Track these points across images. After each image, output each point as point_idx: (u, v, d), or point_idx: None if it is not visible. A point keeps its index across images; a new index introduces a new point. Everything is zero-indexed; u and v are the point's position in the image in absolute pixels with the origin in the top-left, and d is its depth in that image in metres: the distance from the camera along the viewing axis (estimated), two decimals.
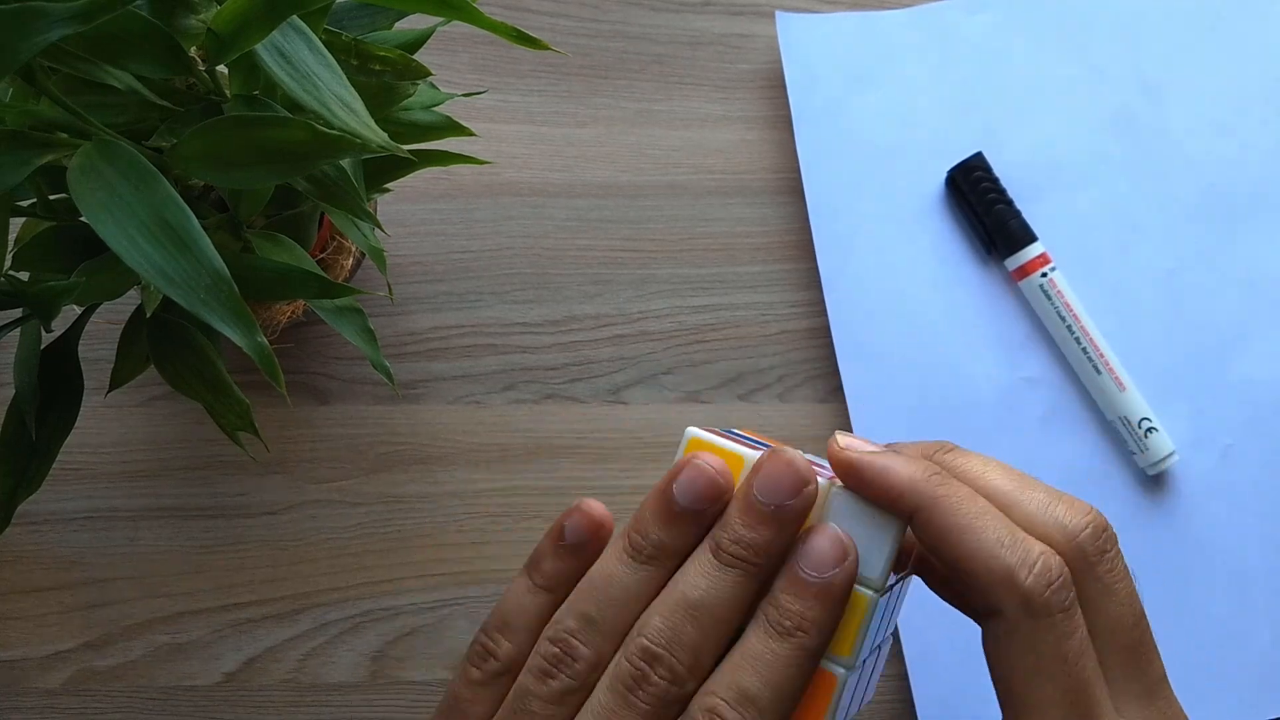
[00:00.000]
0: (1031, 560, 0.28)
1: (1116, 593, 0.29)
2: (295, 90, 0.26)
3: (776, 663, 0.28)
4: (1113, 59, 0.52)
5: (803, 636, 0.28)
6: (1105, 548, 0.29)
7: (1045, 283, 0.49)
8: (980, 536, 0.28)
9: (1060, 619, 0.28)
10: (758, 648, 0.28)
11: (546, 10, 0.51)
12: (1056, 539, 0.29)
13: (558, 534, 0.31)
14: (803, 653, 0.28)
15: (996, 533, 0.28)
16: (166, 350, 0.32)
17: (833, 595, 0.28)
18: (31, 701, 0.45)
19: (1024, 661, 0.28)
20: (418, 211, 0.49)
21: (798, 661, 0.28)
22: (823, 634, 0.28)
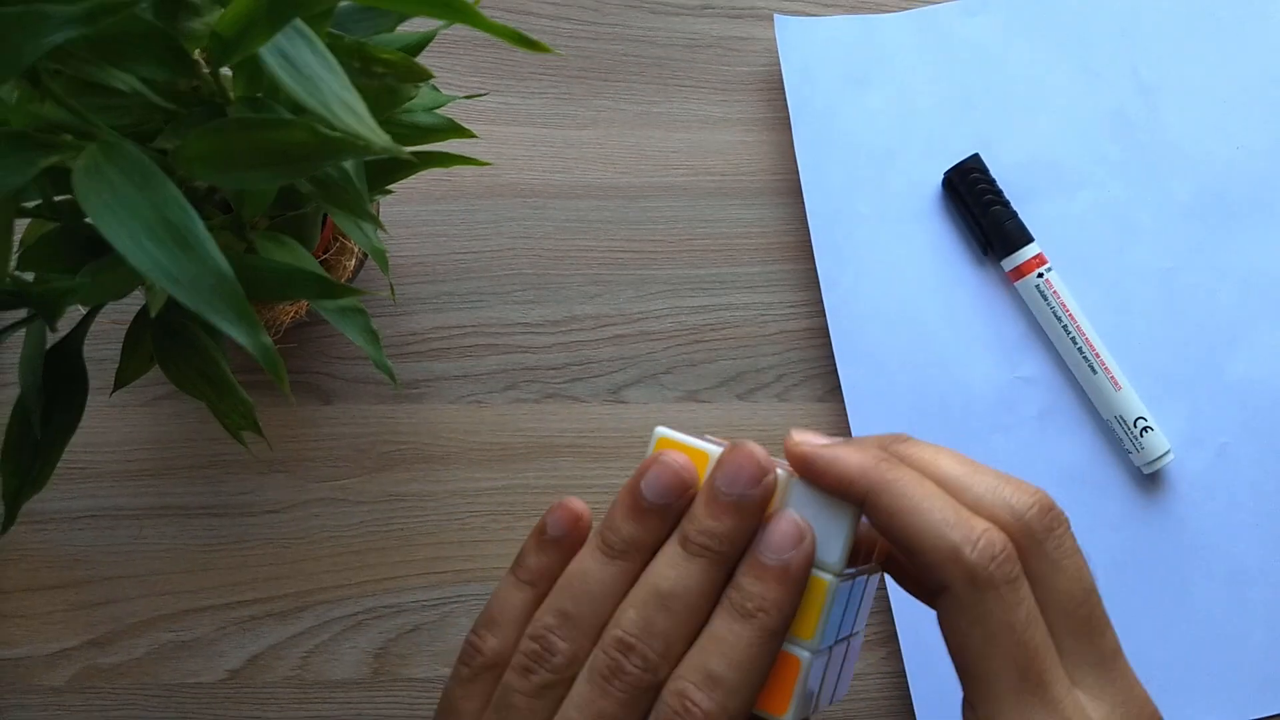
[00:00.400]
0: (975, 536, 0.28)
1: (1065, 569, 0.30)
2: (298, 92, 0.26)
3: (740, 644, 0.29)
4: (1108, 61, 0.52)
5: (764, 617, 0.29)
6: (1052, 526, 0.30)
7: (1041, 283, 0.49)
8: (927, 517, 0.29)
9: (1005, 590, 0.28)
10: (722, 631, 0.29)
11: (547, 13, 0.52)
12: (1004, 518, 0.30)
13: (540, 530, 0.32)
14: (764, 633, 0.29)
15: (942, 513, 0.29)
16: (171, 350, 0.32)
17: (791, 576, 0.29)
18: (36, 699, 0.45)
19: (973, 634, 0.28)
20: (419, 212, 0.50)
21: (760, 641, 0.29)
22: (783, 614, 0.29)
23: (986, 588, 0.28)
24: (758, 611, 0.29)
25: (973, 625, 0.28)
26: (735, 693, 0.28)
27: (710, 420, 0.49)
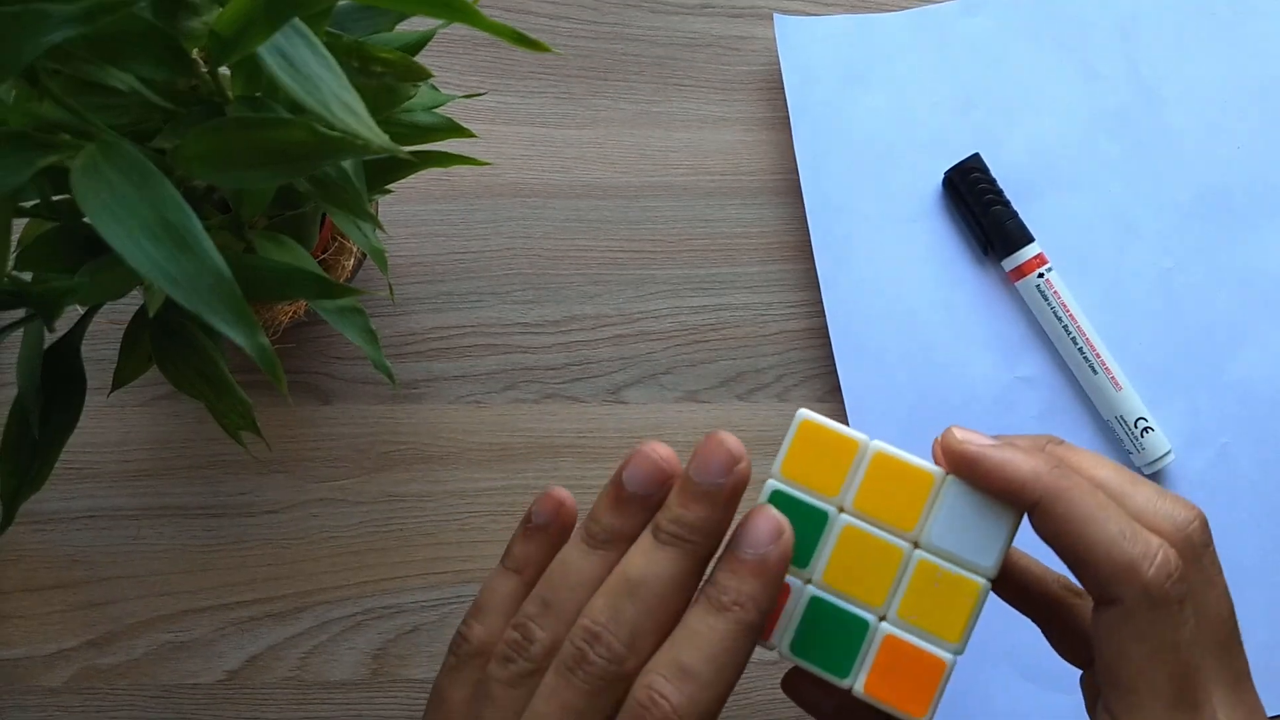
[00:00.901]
0: (1152, 553, 0.29)
1: (1217, 585, 0.30)
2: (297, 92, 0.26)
3: (714, 637, 0.28)
4: (1109, 60, 0.52)
5: (739, 611, 0.28)
6: (1208, 541, 0.30)
7: (1042, 283, 0.49)
8: (1104, 528, 0.29)
9: (1176, 609, 0.29)
10: (696, 625, 0.29)
11: (546, 12, 0.52)
12: (1167, 531, 0.30)
13: (526, 518, 0.32)
14: (740, 627, 0.28)
15: (1119, 525, 0.29)
16: (169, 350, 0.32)
17: (768, 570, 0.29)
18: (35, 700, 0.45)
19: (1138, 648, 0.29)
20: (419, 212, 0.49)
21: (735, 636, 0.28)
22: (759, 608, 0.29)
23: (1160, 605, 0.28)
24: (733, 605, 0.29)
25: (1138, 640, 0.29)
26: (708, 687, 0.28)
27: (710, 421, 0.49)
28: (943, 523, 0.30)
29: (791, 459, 0.31)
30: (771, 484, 0.31)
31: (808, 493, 0.31)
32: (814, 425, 0.31)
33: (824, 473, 0.31)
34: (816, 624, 0.30)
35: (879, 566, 0.30)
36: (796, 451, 0.31)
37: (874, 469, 0.31)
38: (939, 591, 0.30)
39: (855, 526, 0.30)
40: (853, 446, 0.31)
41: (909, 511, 0.30)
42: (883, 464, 0.31)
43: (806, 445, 0.31)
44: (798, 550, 0.30)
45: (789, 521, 0.30)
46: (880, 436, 0.48)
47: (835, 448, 0.31)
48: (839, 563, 0.30)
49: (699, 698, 0.28)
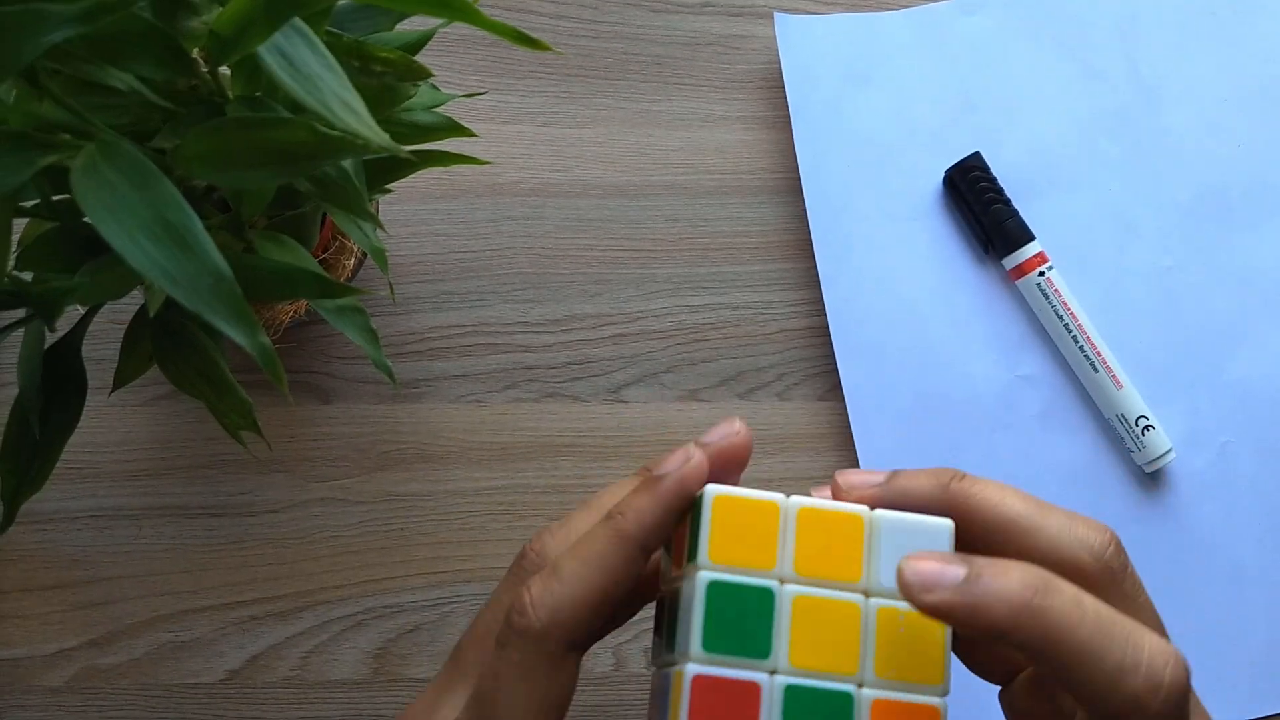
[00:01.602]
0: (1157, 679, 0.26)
1: (1143, 605, 0.30)
2: (297, 91, 0.26)
3: (589, 538, 0.29)
4: (1109, 59, 0.52)
5: (620, 519, 0.29)
6: (1125, 562, 0.29)
7: (1042, 281, 0.49)
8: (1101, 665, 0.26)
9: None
10: (583, 526, 0.31)
11: (546, 11, 0.52)
12: (1085, 559, 0.29)
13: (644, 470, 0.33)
14: (613, 533, 0.29)
15: (1117, 656, 0.26)
16: (169, 350, 0.32)
17: (661, 488, 0.29)
18: (36, 699, 0.45)
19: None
20: (419, 212, 0.49)
21: (605, 540, 0.29)
22: (640, 522, 0.29)
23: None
24: (615, 514, 0.29)
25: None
26: (566, 583, 0.29)
27: (710, 419, 0.49)
28: (886, 562, 0.28)
29: (716, 542, 0.28)
30: (704, 576, 0.28)
31: (744, 573, 0.28)
32: (726, 499, 0.28)
33: (753, 546, 0.28)
34: (798, 713, 0.27)
35: (841, 630, 0.28)
36: (718, 532, 0.28)
37: (802, 527, 0.28)
38: (907, 636, 0.28)
39: (804, 595, 0.28)
40: (773, 510, 0.28)
41: (851, 561, 0.28)
42: (809, 519, 0.29)
43: (726, 522, 0.28)
44: (753, 639, 0.28)
45: (703, 453, 0.29)
46: (882, 435, 0.48)
47: (756, 516, 0.28)
48: (800, 640, 0.28)
49: (557, 591, 0.28)
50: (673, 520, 0.29)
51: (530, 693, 0.28)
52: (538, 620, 0.28)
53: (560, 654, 0.28)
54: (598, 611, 0.29)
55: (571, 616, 0.28)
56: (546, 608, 0.28)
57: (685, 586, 0.29)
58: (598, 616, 0.29)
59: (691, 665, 0.27)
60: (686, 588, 0.29)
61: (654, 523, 0.29)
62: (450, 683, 0.31)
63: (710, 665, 0.27)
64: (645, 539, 0.29)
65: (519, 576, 0.32)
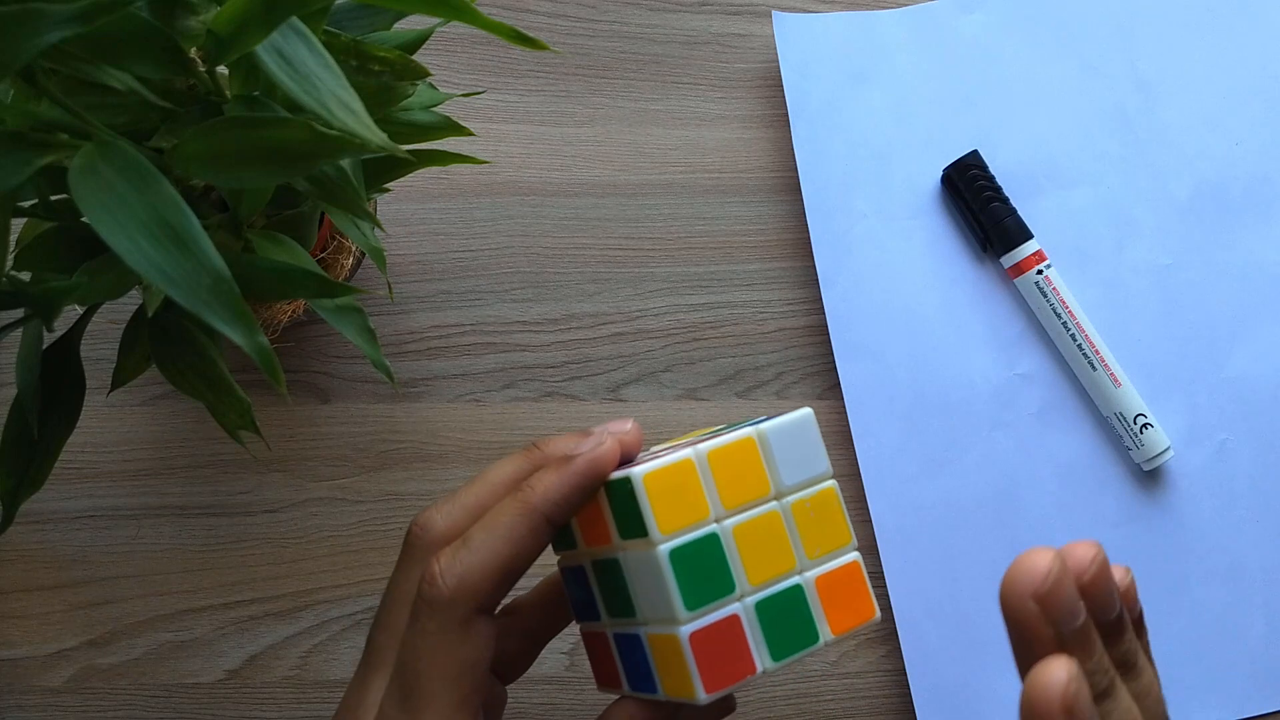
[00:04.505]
0: None
1: None
2: (295, 91, 0.26)
3: (498, 510, 0.32)
4: (1107, 56, 0.52)
5: (527, 491, 0.31)
6: None
7: (1041, 279, 0.49)
8: None
9: None
10: (470, 500, 0.33)
11: (544, 10, 0.52)
12: None
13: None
14: (520, 505, 0.31)
15: None
16: (168, 350, 0.32)
17: (571, 466, 0.31)
18: (35, 700, 0.45)
19: None
20: (417, 211, 0.49)
21: (513, 512, 0.31)
22: (546, 495, 0.31)
23: None
24: (525, 488, 0.32)
25: None
26: (473, 551, 0.31)
27: (709, 418, 0.49)
28: (781, 465, 0.32)
29: (660, 515, 0.31)
30: (663, 550, 0.30)
31: (690, 530, 0.31)
32: (654, 474, 0.31)
33: (689, 504, 0.31)
34: (772, 622, 0.32)
35: (774, 537, 0.32)
36: (657, 505, 0.31)
37: (715, 469, 0.32)
38: (816, 517, 0.33)
39: (739, 523, 0.32)
40: (690, 466, 0.31)
41: (758, 478, 0.32)
42: (717, 459, 0.32)
43: (659, 494, 0.31)
44: (718, 580, 0.31)
45: (612, 436, 0.32)
46: (880, 433, 0.48)
47: (680, 478, 0.31)
48: (750, 560, 0.32)
49: (464, 560, 0.31)
50: (580, 498, 0.32)
51: (447, 657, 0.30)
52: (446, 587, 0.30)
53: (470, 618, 0.31)
54: (503, 579, 0.31)
55: (479, 583, 0.31)
56: (455, 574, 0.31)
57: (629, 559, 0.32)
58: (503, 584, 0.31)
59: (683, 628, 0.30)
60: (633, 560, 0.31)
61: (561, 499, 0.31)
62: (370, 668, 0.33)
63: (697, 620, 0.31)
64: (552, 513, 0.31)
65: (409, 554, 0.33)
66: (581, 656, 0.47)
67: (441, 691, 0.30)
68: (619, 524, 0.32)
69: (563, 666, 0.46)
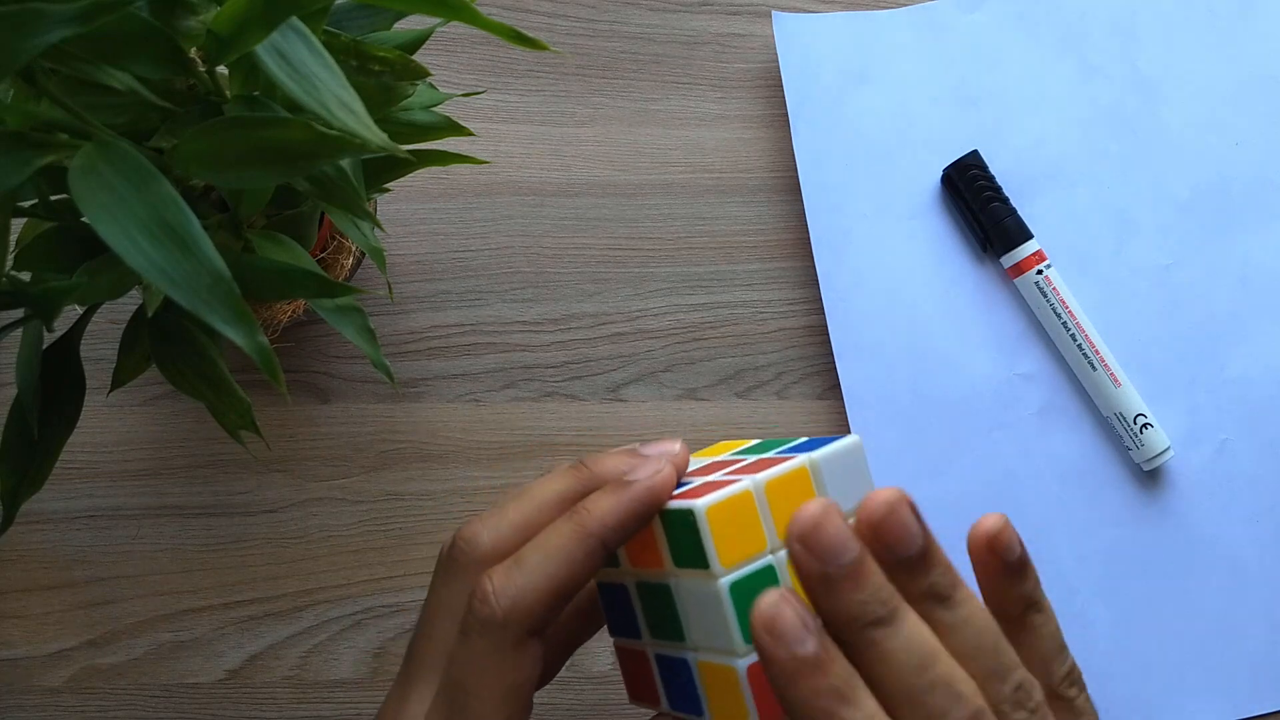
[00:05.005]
0: None
1: None
2: (295, 91, 0.26)
3: (552, 533, 0.31)
4: (1107, 56, 0.52)
5: (582, 515, 0.31)
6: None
7: (1041, 280, 0.49)
8: None
9: None
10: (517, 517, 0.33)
11: (544, 10, 0.52)
12: None
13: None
14: (575, 528, 0.31)
15: None
16: (168, 350, 0.32)
17: (629, 492, 0.31)
18: (35, 700, 0.45)
19: None
20: (417, 211, 0.49)
21: (567, 535, 0.31)
22: (602, 520, 0.31)
23: None
24: (581, 510, 0.31)
25: None
26: (527, 573, 0.30)
27: (709, 418, 0.49)
28: (832, 493, 0.32)
29: (721, 548, 0.30)
30: (723, 583, 0.30)
31: (749, 563, 0.31)
32: (716, 507, 0.30)
33: (747, 537, 0.31)
34: None
35: None
36: (719, 539, 0.30)
37: (771, 500, 0.31)
38: None
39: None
40: (749, 498, 0.31)
41: None
42: (774, 490, 0.31)
43: (720, 528, 0.30)
44: None
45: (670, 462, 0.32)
46: (880, 433, 0.48)
47: (739, 510, 0.31)
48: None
49: (519, 581, 0.30)
50: (636, 525, 0.31)
51: (497, 677, 0.30)
52: (500, 608, 0.30)
53: (522, 639, 0.30)
54: (556, 602, 0.31)
55: (532, 605, 0.30)
56: (509, 596, 0.30)
57: (682, 585, 0.31)
58: (556, 606, 0.31)
59: (741, 661, 0.30)
60: (688, 587, 0.31)
61: (618, 524, 0.31)
62: (412, 681, 0.33)
63: (754, 654, 0.29)
64: (608, 538, 0.31)
65: (453, 568, 0.33)
66: (581, 657, 0.47)
67: (490, 712, 0.30)
68: (674, 552, 0.31)
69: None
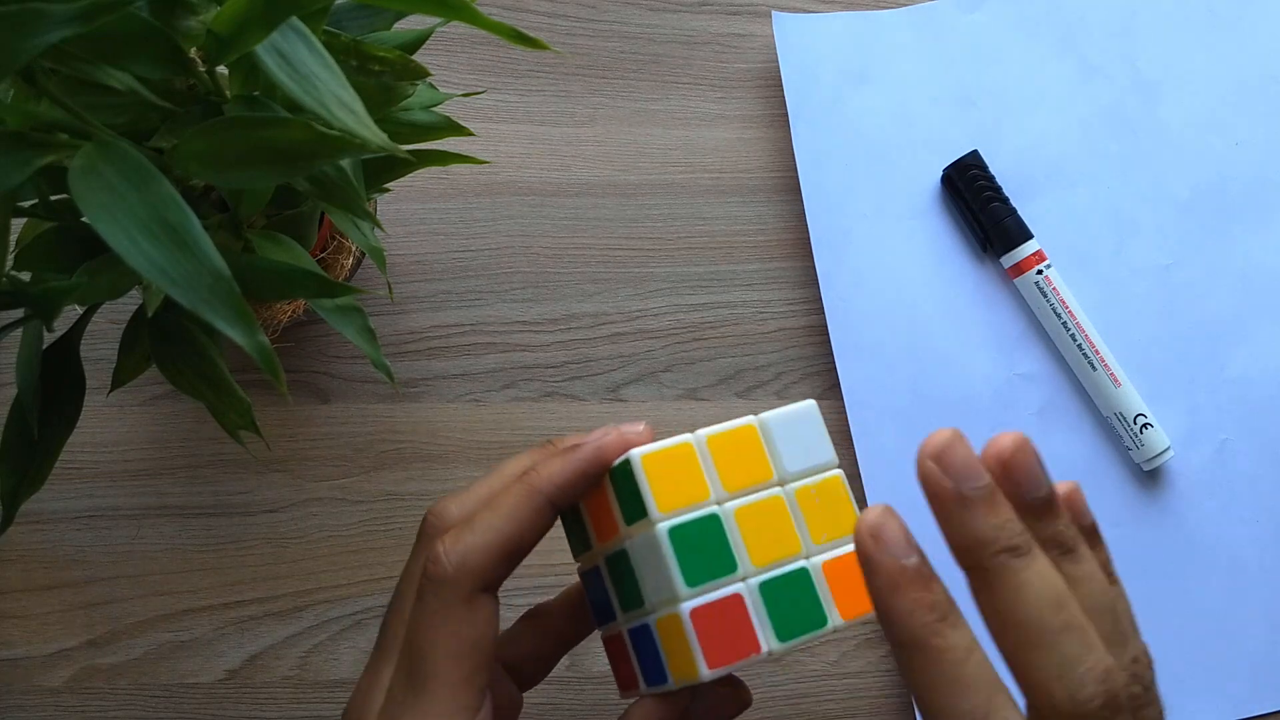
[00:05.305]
0: None
1: None
2: (295, 91, 0.26)
3: (503, 493, 0.33)
4: (1107, 56, 0.52)
5: (531, 476, 0.33)
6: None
7: (1041, 280, 0.49)
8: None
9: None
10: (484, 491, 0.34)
11: (544, 10, 0.52)
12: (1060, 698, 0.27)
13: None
14: (524, 487, 0.32)
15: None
16: (168, 349, 0.32)
17: (576, 453, 0.32)
18: (35, 700, 0.45)
19: None
20: (417, 211, 0.49)
21: (517, 494, 0.32)
22: (551, 479, 0.32)
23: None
24: (530, 472, 0.33)
25: None
26: (477, 531, 0.32)
27: (709, 418, 0.49)
28: (784, 452, 0.33)
29: (658, 494, 0.32)
30: (662, 528, 0.31)
31: (690, 510, 0.32)
32: (651, 455, 0.32)
33: (688, 485, 0.32)
34: (778, 603, 0.32)
35: (778, 521, 0.33)
36: (656, 485, 0.32)
37: (715, 453, 0.33)
38: (822, 502, 0.33)
39: (741, 506, 0.32)
40: (689, 449, 0.32)
41: (760, 464, 0.33)
42: (717, 444, 0.33)
43: (657, 475, 0.32)
44: (720, 560, 0.32)
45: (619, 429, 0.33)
46: (880, 433, 0.48)
47: (678, 460, 0.32)
48: (752, 543, 0.32)
49: (467, 540, 0.32)
50: (582, 482, 0.33)
51: (451, 633, 0.31)
52: (449, 565, 0.31)
53: (472, 595, 0.31)
54: (505, 558, 0.32)
55: (480, 560, 0.31)
56: (457, 553, 0.31)
57: (635, 545, 0.32)
58: (505, 562, 0.32)
59: (684, 604, 0.31)
60: (638, 545, 0.32)
61: (564, 481, 0.32)
62: (382, 655, 0.34)
63: (698, 597, 0.31)
64: (555, 495, 0.32)
65: (421, 540, 0.34)
66: (581, 657, 0.47)
67: (446, 669, 0.31)
68: (623, 510, 0.33)
69: (563, 667, 0.46)
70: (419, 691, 0.31)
